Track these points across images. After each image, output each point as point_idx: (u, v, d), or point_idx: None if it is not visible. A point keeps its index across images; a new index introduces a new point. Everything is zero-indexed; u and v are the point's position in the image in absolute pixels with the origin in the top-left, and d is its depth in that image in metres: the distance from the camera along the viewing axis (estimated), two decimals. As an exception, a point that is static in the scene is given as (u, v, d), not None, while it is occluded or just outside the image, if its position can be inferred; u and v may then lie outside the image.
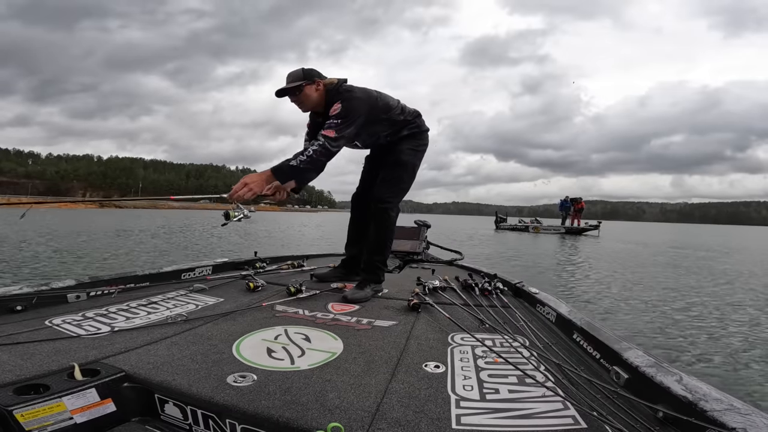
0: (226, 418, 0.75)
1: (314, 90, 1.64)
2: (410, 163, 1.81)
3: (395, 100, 1.79)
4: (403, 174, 1.80)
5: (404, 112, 1.80)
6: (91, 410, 0.77)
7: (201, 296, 1.59)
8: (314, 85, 1.63)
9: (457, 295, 1.68)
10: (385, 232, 1.78)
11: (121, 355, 0.96)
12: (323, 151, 1.49)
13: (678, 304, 3.73)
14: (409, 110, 1.83)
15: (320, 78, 1.64)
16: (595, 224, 16.78)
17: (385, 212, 1.75)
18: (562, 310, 1.37)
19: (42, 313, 1.26)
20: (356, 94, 1.61)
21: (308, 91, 1.63)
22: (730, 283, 5.20)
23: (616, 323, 2.99)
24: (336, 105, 1.57)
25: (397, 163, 1.79)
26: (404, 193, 1.83)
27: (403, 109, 1.80)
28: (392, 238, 1.83)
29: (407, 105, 1.84)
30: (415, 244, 3.05)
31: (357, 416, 0.73)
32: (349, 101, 1.57)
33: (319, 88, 1.64)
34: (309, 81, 1.62)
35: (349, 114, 1.54)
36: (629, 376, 0.89)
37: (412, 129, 1.82)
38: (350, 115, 1.55)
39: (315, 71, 1.64)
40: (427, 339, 1.18)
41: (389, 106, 1.73)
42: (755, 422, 0.63)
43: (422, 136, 1.87)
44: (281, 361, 0.97)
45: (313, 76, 1.63)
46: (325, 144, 1.49)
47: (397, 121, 1.76)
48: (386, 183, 1.78)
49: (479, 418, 0.76)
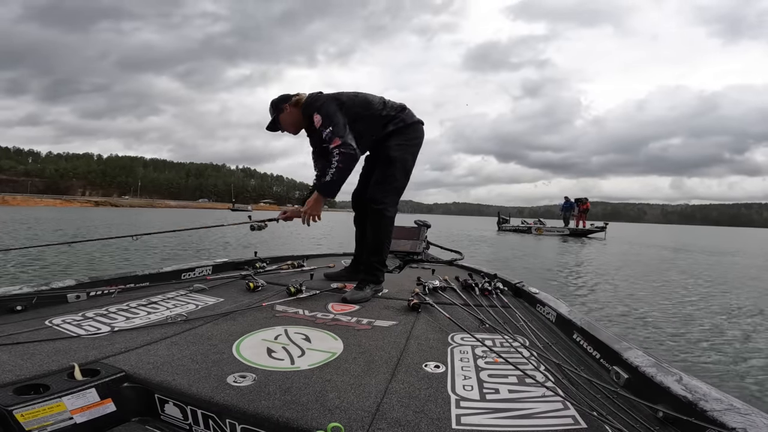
0: (226, 418, 0.75)
1: (287, 115, 1.75)
2: (400, 159, 1.77)
3: (378, 98, 1.79)
4: (395, 172, 1.77)
5: (387, 107, 1.78)
6: (91, 410, 0.77)
7: (201, 296, 1.59)
8: (284, 112, 1.75)
9: (457, 295, 1.68)
10: (382, 232, 1.77)
11: (121, 355, 0.96)
12: (344, 158, 1.57)
13: (683, 305, 3.73)
14: (393, 105, 1.81)
15: (287, 102, 1.75)
16: (601, 226, 15.56)
17: (379, 213, 1.74)
18: (562, 310, 1.37)
19: (42, 313, 1.26)
20: (323, 97, 1.70)
21: (283, 119, 1.76)
22: (740, 284, 5.10)
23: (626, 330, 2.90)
24: (315, 117, 1.65)
25: (387, 161, 1.77)
26: (398, 191, 1.80)
27: (386, 104, 1.79)
28: (389, 238, 1.82)
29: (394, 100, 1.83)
30: (415, 244, 3.05)
31: (357, 416, 0.73)
32: (320, 108, 1.65)
33: (290, 110, 1.75)
34: (278, 111, 1.76)
35: (330, 116, 1.62)
36: (629, 376, 0.89)
37: (397, 124, 1.78)
38: (332, 117, 1.62)
39: (282, 97, 1.77)
40: (427, 339, 1.18)
41: (368, 102, 1.74)
42: (755, 422, 0.63)
43: (409, 130, 1.81)
44: (281, 361, 0.97)
45: (280, 103, 1.76)
46: (340, 152, 1.57)
47: (379, 116, 1.75)
48: (378, 184, 1.77)
49: (479, 418, 0.76)
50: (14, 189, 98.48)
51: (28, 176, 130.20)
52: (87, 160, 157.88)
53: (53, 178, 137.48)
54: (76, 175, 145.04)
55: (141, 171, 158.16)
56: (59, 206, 53.38)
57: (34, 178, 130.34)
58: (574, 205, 16.72)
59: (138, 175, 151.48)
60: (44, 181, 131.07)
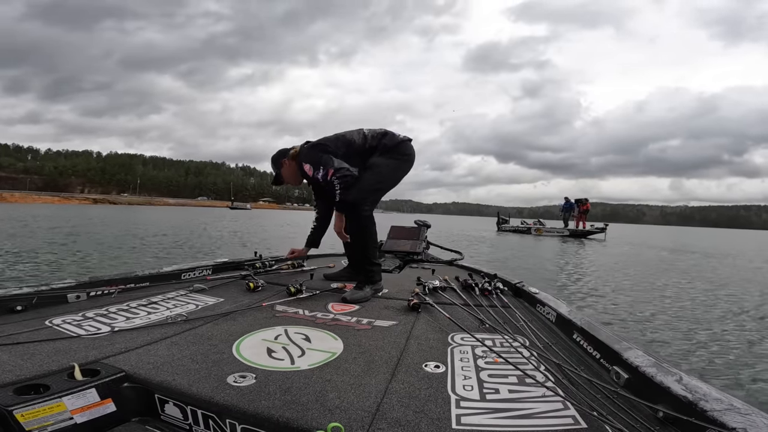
0: (226, 418, 0.75)
1: (286, 168, 1.90)
2: (378, 165, 1.79)
3: (357, 134, 1.83)
4: (371, 176, 1.78)
5: (368, 139, 1.82)
6: (91, 410, 0.77)
7: (201, 296, 1.59)
8: (284, 166, 1.89)
9: (457, 295, 1.68)
10: (361, 231, 1.77)
11: (121, 355, 0.96)
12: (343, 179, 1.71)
13: (683, 305, 3.73)
14: (374, 134, 1.83)
15: (284, 156, 1.90)
16: (601, 227, 15.47)
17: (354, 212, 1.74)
18: (562, 310, 1.37)
19: (42, 313, 1.26)
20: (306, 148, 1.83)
21: (284, 173, 1.91)
22: (743, 283, 5.08)
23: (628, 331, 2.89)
24: (305, 167, 1.78)
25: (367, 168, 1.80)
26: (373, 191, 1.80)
27: (366, 136, 1.82)
28: (372, 236, 1.82)
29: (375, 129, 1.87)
30: (415, 244, 3.05)
31: (357, 416, 0.73)
32: (305, 157, 1.79)
33: (288, 164, 1.88)
34: (278, 166, 1.91)
35: (316, 161, 1.75)
36: (629, 376, 0.89)
37: (382, 151, 1.81)
38: (318, 160, 1.74)
39: (280, 152, 1.93)
40: (427, 339, 1.18)
41: (350, 142, 1.80)
42: (755, 422, 0.64)
43: (394, 150, 1.83)
44: (281, 361, 0.97)
45: (279, 158, 1.91)
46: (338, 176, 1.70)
47: (363, 151, 1.80)
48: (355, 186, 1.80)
49: (479, 418, 0.76)
50: (13, 186, 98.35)
51: (27, 173, 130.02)
52: (86, 158, 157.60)
53: (52, 175, 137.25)
54: (75, 173, 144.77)
55: (140, 169, 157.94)
56: (57, 203, 53.30)
57: (33, 175, 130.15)
58: (574, 206, 16.48)
59: (137, 173, 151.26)
60: (43, 179, 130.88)
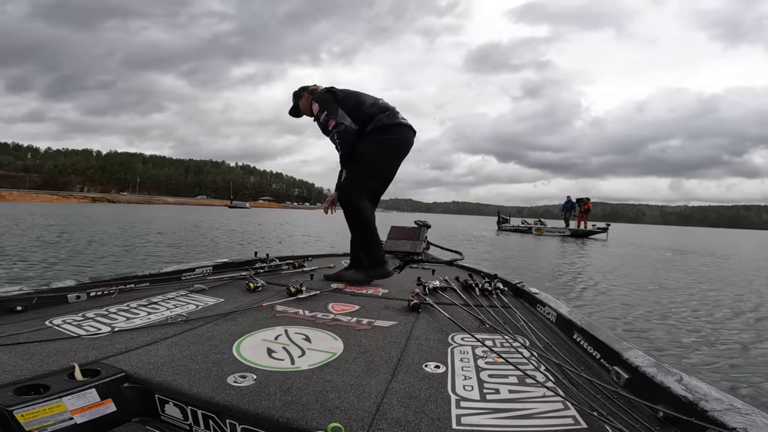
0: (226, 418, 0.75)
1: (304, 100, 2.04)
2: (367, 154, 1.86)
3: (372, 98, 1.92)
4: (358, 167, 1.87)
5: (374, 107, 1.89)
6: (92, 410, 0.77)
7: (201, 296, 1.59)
8: (302, 98, 2.04)
9: (458, 296, 1.68)
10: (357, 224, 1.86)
11: (122, 356, 0.95)
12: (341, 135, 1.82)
13: (683, 306, 3.73)
14: (380, 105, 1.91)
15: (305, 90, 2.04)
16: (603, 227, 15.31)
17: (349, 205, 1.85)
18: (562, 310, 1.37)
19: (42, 314, 1.26)
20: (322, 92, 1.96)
21: (301, 104, 2.06)
22: (744, 283, 5.07)
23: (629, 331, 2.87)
24: (314, 106, 1.94)
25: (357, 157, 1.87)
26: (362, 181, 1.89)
27: (374, 104, 1.90)
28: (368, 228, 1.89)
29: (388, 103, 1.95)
30: (415, 245, 3.05)
31: (357, 416, 0.73)
32: (317, 97, 1.93)
33: (306, 97, 2.02)
34: (298, 98, 2.07)
35: (324, 104, 1.87)
36: (629, 376, 0.89)
37: (375, 124, 1.86)
38: (325, 104, 1.86)
39: (302, 87, 2.07)
40: (428, 339, 1.18)
41: (360, 101, 1.89)
42: (755, 422, 0.64)
43: (385, 130, 1.88)
44: (281, 361, 0.97)
45: (300, 91, 2.06)
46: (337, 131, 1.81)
47: (364, 114, 1.86)
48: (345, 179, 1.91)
49: (479, 418, 0.76)
50: (12, 185, 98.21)
51: (27, 172, 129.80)
52: (86, 156, 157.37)
53: (52, 173, 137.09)
54: (74, 171, 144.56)
55: (140, 167, 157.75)
56: (56, 202, 53.27)
57: (32, 173, 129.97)
58: (575, 205, 16.38)
59: (137, 172, 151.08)
60: (42, 177, 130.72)
